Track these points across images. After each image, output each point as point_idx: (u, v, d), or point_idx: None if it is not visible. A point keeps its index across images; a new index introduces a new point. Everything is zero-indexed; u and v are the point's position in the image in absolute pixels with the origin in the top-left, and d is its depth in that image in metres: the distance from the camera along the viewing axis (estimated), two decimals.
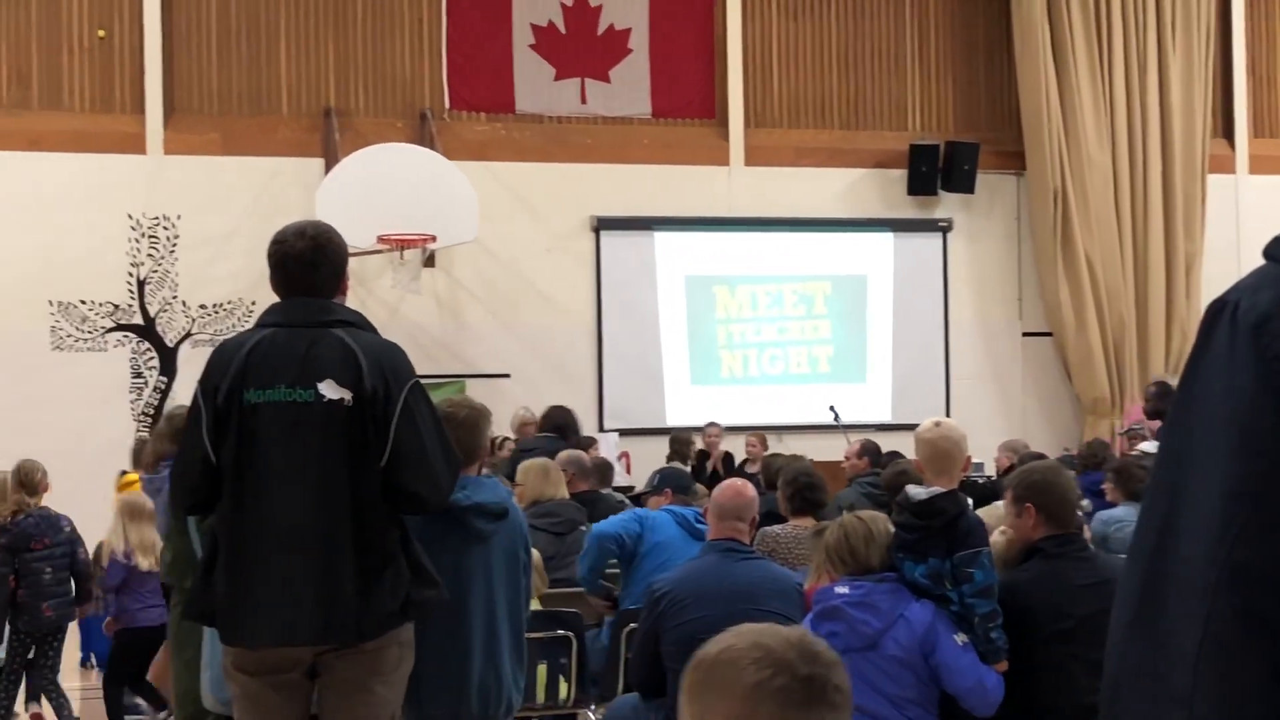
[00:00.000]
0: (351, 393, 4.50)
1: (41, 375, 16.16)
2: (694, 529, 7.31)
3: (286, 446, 4.49)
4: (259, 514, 4.49)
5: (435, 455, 4.56)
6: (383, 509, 4.53)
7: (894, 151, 18.66)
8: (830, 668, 2.07)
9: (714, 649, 2.12)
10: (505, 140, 17.73)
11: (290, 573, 4.46)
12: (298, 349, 4.53)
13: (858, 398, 18.05)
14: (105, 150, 16.52)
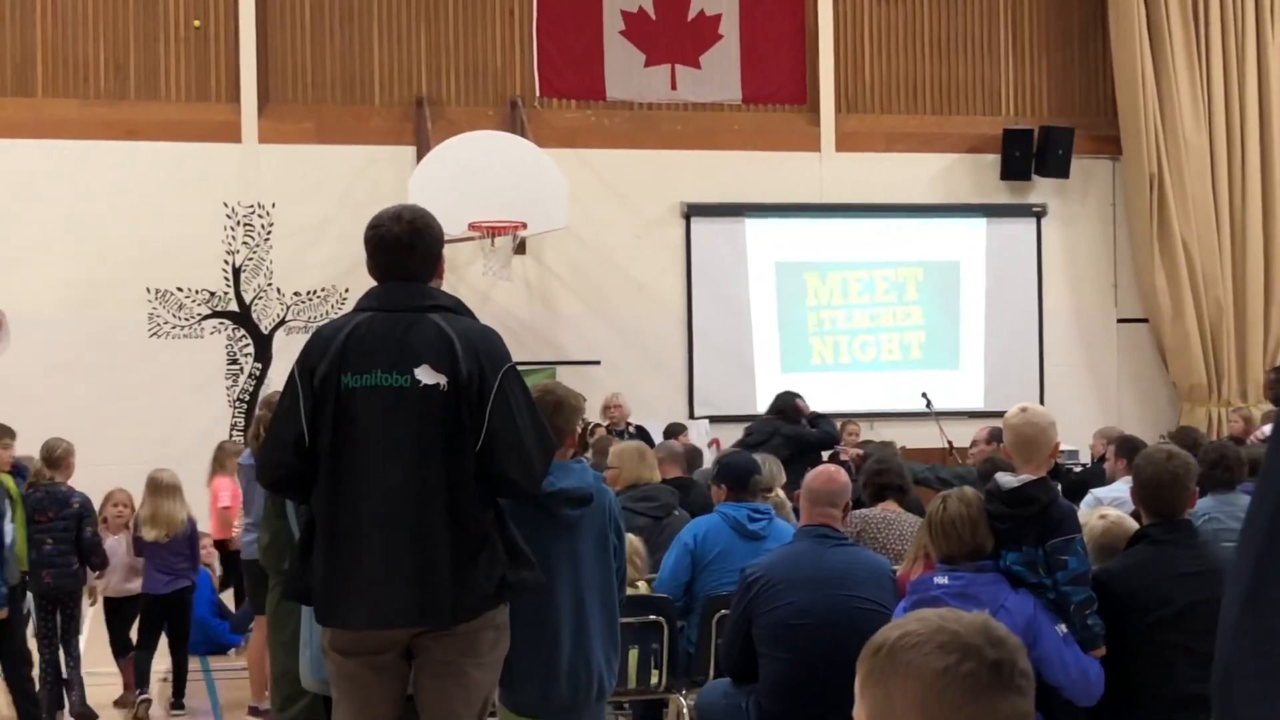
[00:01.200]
0: (447, 377, 4.51)
1: (139, 362, 16.38)
2: (747, 530, 7.24)
3: (383, 430, 4.51)
4: (355, 497, 4.51)
5: (529, 439, 4.57)
6: (478, 492, 4.54)
7: (987, 136, 18.50)
8: (1015, 652, 2.02)
9: (893, 634, 2.06)
10: (595, 127, 17.75)
11: (386, 555, 4.48)
12: (394, 334, 4.55)
13: (950, 385, 17.92)
14: (201, 139, 16.71)
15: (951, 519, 5.26)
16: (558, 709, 5.12)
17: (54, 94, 16.59)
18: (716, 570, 7.19)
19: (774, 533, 7.28)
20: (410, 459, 4.51)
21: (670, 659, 7.07)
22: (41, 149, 16.28)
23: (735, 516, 7.28)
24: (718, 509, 7.46)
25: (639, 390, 16.40)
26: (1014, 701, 1.99)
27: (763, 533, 7.25)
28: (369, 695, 4.60)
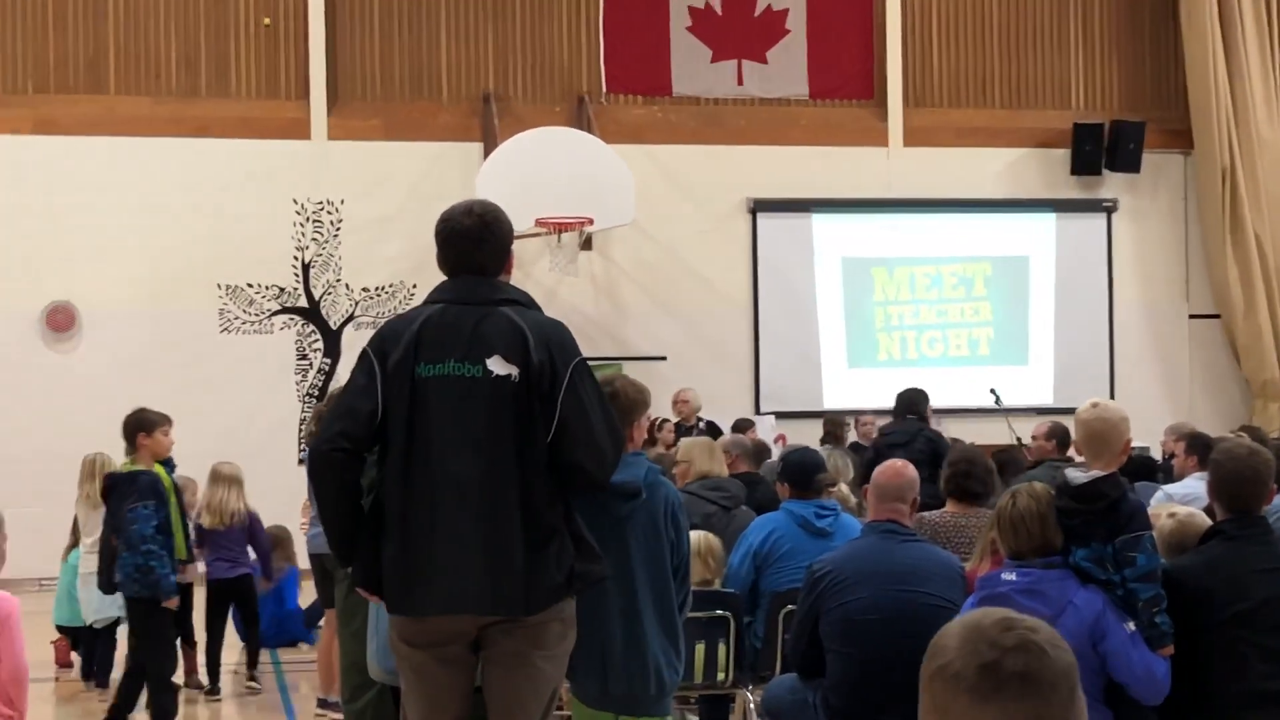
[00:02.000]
0: (519, 368, 4.55)
1: (210, 357, 16.54)
2: (814, 528, 7.22)
3: (455, 420, 4.54)
4: (428, 486, 4.54)
5: (600, 430, 4.60)
6: (549, 483, 4.57)
7: (1057, 130, 18.36)
8: (1017, 655, 1.96)
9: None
10: (662, 123, 17.75)
11: (459, 544, 4.51)
12: (467, 325, 4.59)
13: (1019, 380, 17.82)
14: (271, 136, 16.85)
15: (1021, 514, 5.23)
16: (618, 702, 5.13)
17: (126, 91, 16.77)
18: (784, 568, 7.17)
19: (841, 529, 7.26)
20: (482, 449, 4.54)
21: (737, 654, 7.07)
22: (113, 146, 16.46)
23: (802, 514, 7.26)
24: (783, 506, 7.45)
25: (705, 386, 16.38)
26: (1004, 706, 1.92)
27: (830, 529, 7.23)
28: (436, 687, 4.63)
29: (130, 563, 8.58)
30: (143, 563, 8.52)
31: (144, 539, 8.52)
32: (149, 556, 8.52)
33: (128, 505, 8.59)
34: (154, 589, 8.53)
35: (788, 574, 7.11)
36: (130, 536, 8.54)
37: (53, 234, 16.25)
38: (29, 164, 16.30)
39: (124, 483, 8.73)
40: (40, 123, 16.42)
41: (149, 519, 8.58)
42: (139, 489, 8.64)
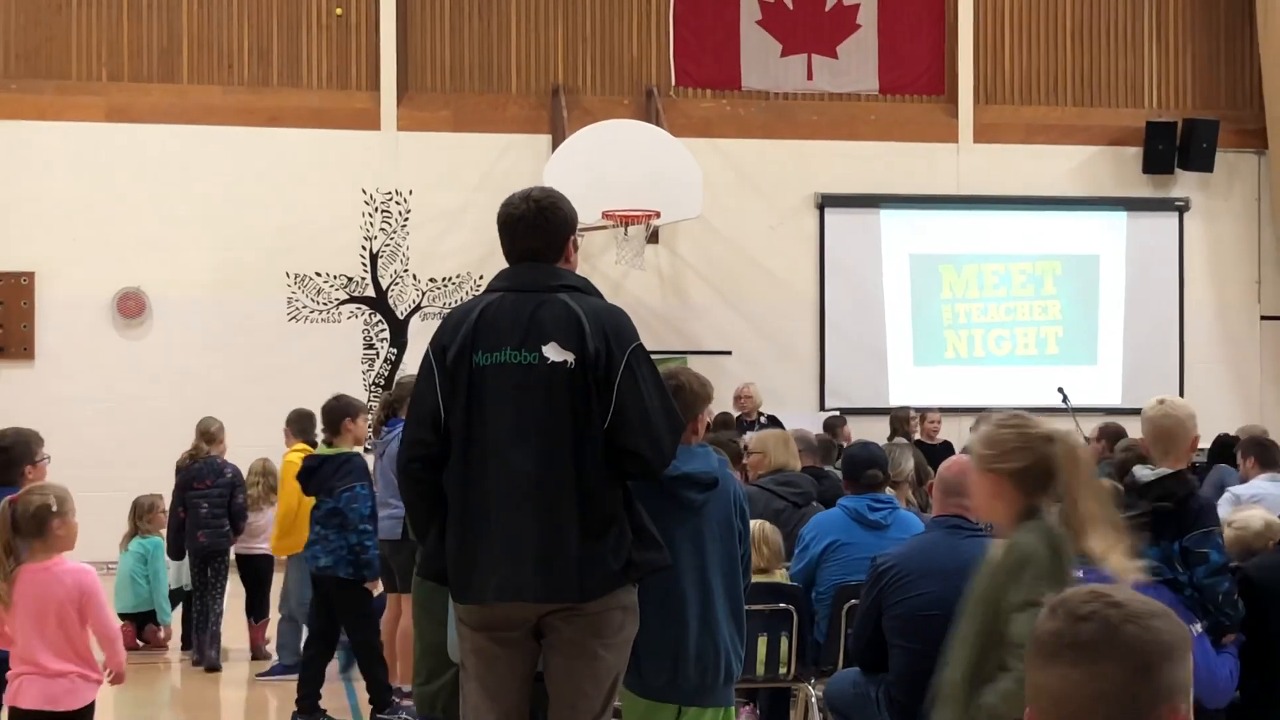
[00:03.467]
0: (575, 355, 4.54)
1: (278, 346, 16.66)
2: (868, 520, 7.19)
3: (512, 408, 4.55)
4: (485, 474, 4.56)
5: (657, 417, 4.58)
6: (606, 470, 4.56)
7: (1129, 129, 18.19)
8: (1079, 624, 2.07)
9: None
10: (730, 117, 17.72)
11: (515, 532, 4.51)
12: (523, 312, 4.60)
13: (1087, 380, 17.67)
14: (341, 127, 16.95)
15: None
16: (686, 693, 5.11)
17: (199, 80, 16.92)
18: (841, 562, 7.14)
19: (898, 522, 7.24)
20: (538, 436, 4.55)
21: (799, 648, 7.04)
22: (185, 134, 16.61)
23: (855, 508, 7.24)
24: (839, 502, 7.45)
25: (770, 381, 16.35)
26: (1060, 670, 2.04)
27: (885, 522, 7.20)
28: (497, 671, 4.64)
29: (343, 543, 8.66)
30: (357, 542, 8.64)
31: (362, 519, 8.65)
32: (364, 536, 8.65)
33: (343, 486, 8.65)
34: (365, 569, 8.67)
35: (845, 567, 7.08)
36: (348, 517, 8.63)
37: (124, 221, 16.41)
38: (102, 152, 16.46)
39: (335, 464, 8.77)
40: (114, 111, 16.59)
41: (365, 500, 8.71)
42: (354, 470, 8.77)
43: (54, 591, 5.57)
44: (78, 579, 5.59)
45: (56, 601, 5.56)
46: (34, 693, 5.61)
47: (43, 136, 16.42)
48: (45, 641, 5.57)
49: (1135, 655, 2.03)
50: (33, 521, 5.52)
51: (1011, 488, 3.90)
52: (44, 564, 5.56)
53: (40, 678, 5.60)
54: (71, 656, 5.63)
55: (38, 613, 5.56)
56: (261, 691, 10.26)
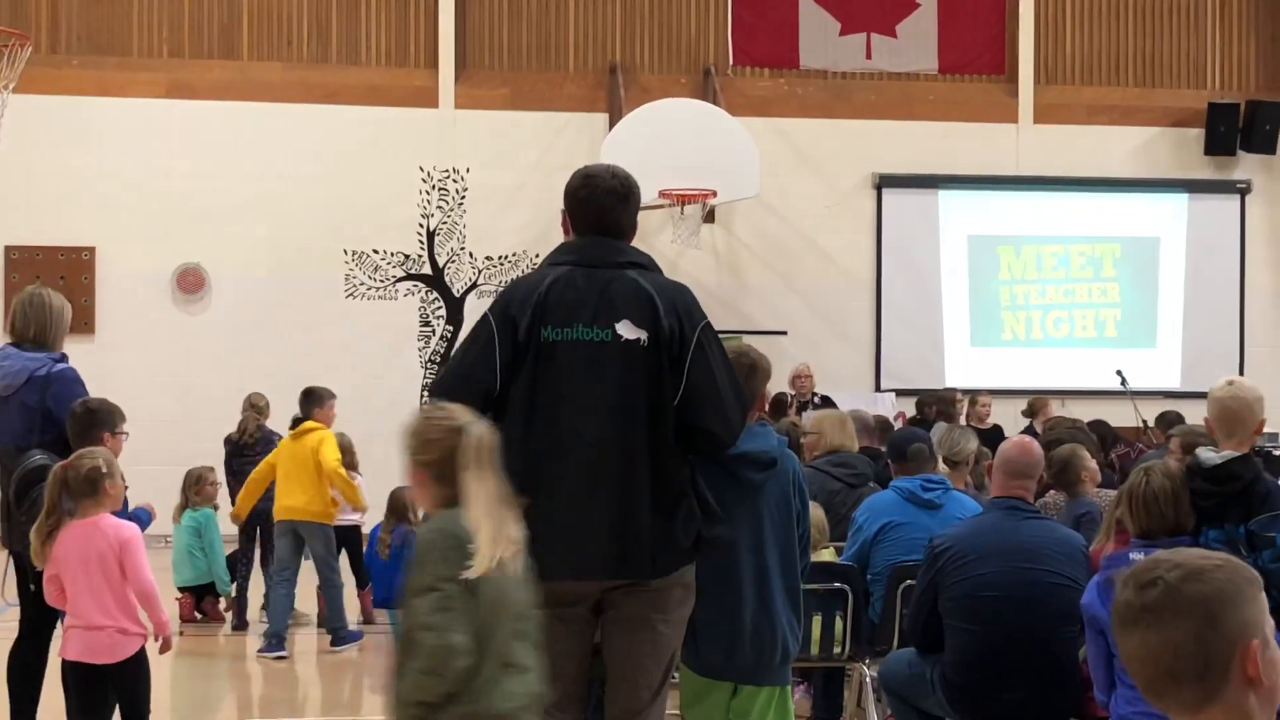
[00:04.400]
0: (648, 333, 4.54)
1: (336, 322, 16.73)
2: (921, 500, 7.16)
3: (583, 385, 4.53)
4: (556, 451, 4.54)
5: (727, 394, 4.59)
6: (677, 448, 4.56)
7: (1191, 110, 18.02)
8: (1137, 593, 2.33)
9: None
10: (788, 96, 17.66)
11: (588, 510, 4.50)
12: (595, 288, 4.58)
13: (1146, 363, 17.54)
14: (399, 104, 16.99)
15: (1155, 493, 5.13)
16: (742, 671, 5.10)
17: (258, 57, 16.99)
18: (895, 542, 7.12)
19: (951, 501, 7.21)
20: (611, 413, 4.54)
21: (854, 628, 7.03)
22: (245, 111, 16.70)
23: (908, 488, 7.22)
24: (891, 484, 7.43)
25: (826, 361, 16.32)
26: (1142, 635, 2.31)
27: (938, 501, 7.17)
28: (557, 647, 4.63)
29: None
30: None
31: None
32: None
33: None
34: None
35: (900, 547, 7.06)
36: None
37: (184, 197, 16.52)
38: (163, 127, 16.57)
39: None
40: (174, 87, 16.69)
41: None
42: None
43: (96, 543, 5.81)
44: (118, 532, 5.84)
45: (98, 553, 5.80)
46: (77, 645, 5.83)
47: (104, 112, 16.54)
48: (90, 595, 5.80)
49: (1200, 608, 2.27)
50: (86, 482, 5.80)
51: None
52: (91, 519, 5.82)
53: (83, 630, 5.82)
54: (113, 610, 5.82)
55: (82, 565, 5.79)
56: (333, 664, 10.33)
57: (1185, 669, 2.28)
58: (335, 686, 9.96)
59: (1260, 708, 2.30)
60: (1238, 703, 2.28)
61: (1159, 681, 2.32)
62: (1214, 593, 2.29)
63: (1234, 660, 2.28)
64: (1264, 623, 2.32)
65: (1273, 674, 2.30)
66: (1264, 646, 2.29)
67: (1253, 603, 2.32)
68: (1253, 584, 2.33)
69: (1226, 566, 2.34)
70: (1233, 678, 2.28)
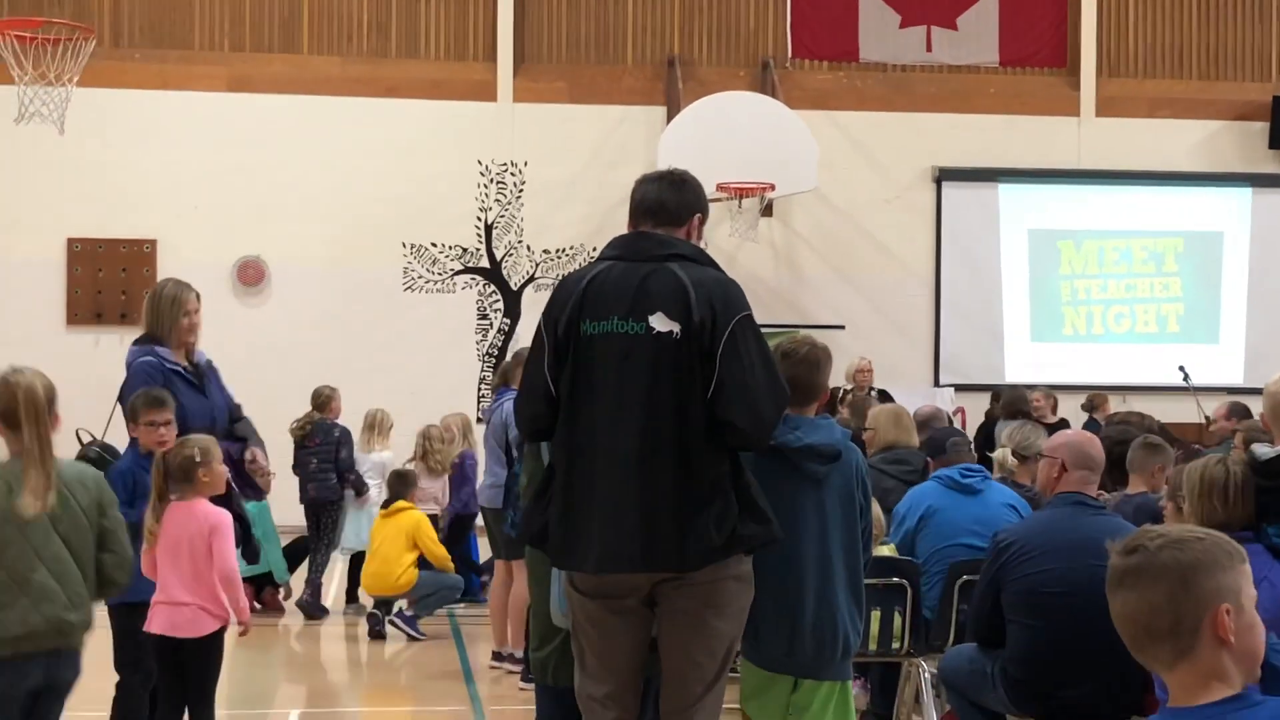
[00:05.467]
0: (680, 325, 4.52)
1: (394, 315, 16.80)
2: (960, 485, 7.16)
3: (617, 377, 4.54)
4: (590, 442, 4.56)
5: (759, 388, 4.53)
6: (710, 442, 4.53)
7: (1255, 103, 17.83)
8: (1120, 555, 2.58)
9: None
10: (847, 89, 17.59)
11: (616, 501, 4.50)
12: (632, 282, 4.59)
13: (1209, 359, 17.37)
14: (458, 98, 17.04)
15: (1224, 484, 5.06)
16: (803, 665, 5.07)
17: (318, 51, 17.07)
18: (937, 528, 7.10)
19: (990, 489, 7.21)
20: (641, 406, 4.53)
21: (913, 622, 6.98)
22: (305, 105, 16.79)
23: (947, 475, 7.23)
24: (931, 476, 7.42)
25: (884, 356, 16.22)
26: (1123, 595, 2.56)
27: (978, 486, 7.15)
28: (611, 638, 4.63)
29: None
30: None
31: None
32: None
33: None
34: None
35: (942, 533, 7.04)
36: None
37: (244, 190, 16.61)
38: (223, 121, 16.67)
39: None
40: (235, 81, 16.79)
41: None
42: None
43: (189, 526, 6.04)
44: (209, 517, 6.08)
45: (189, 535, 6.03)
46: (161, 619, 6.04)
47: (165, 106, 16.66)
48: (177, 573, 6.02)
49: (1174, 573, 2.51)
50: (180, 470, 6.09)
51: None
52: (187, 503, 6.08)
53: (168, 606, 6.04)
54: (197, 589, 6.03)
55: (173, 545, 6.03)
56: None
57: (1160, 626, 2.50)
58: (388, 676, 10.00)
59: (1234, 667, 2.51)
60: (1209, 661, 2.50)
61: (1139, 638, 2.54)
62: (1190, 560, 2.52)
63: (1205, 621, 2.49)
64: (1241, 591, 2.53)
65: (1247, 638, 2.52)
66: (1237, 612, 2.50)
67: (1228, 571, 2.52)
68: (1232, 556, 2.54)
69: (1208, 539, 2.56)
70: (1204, 637, 2.49)
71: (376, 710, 8.98)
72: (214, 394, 6.92)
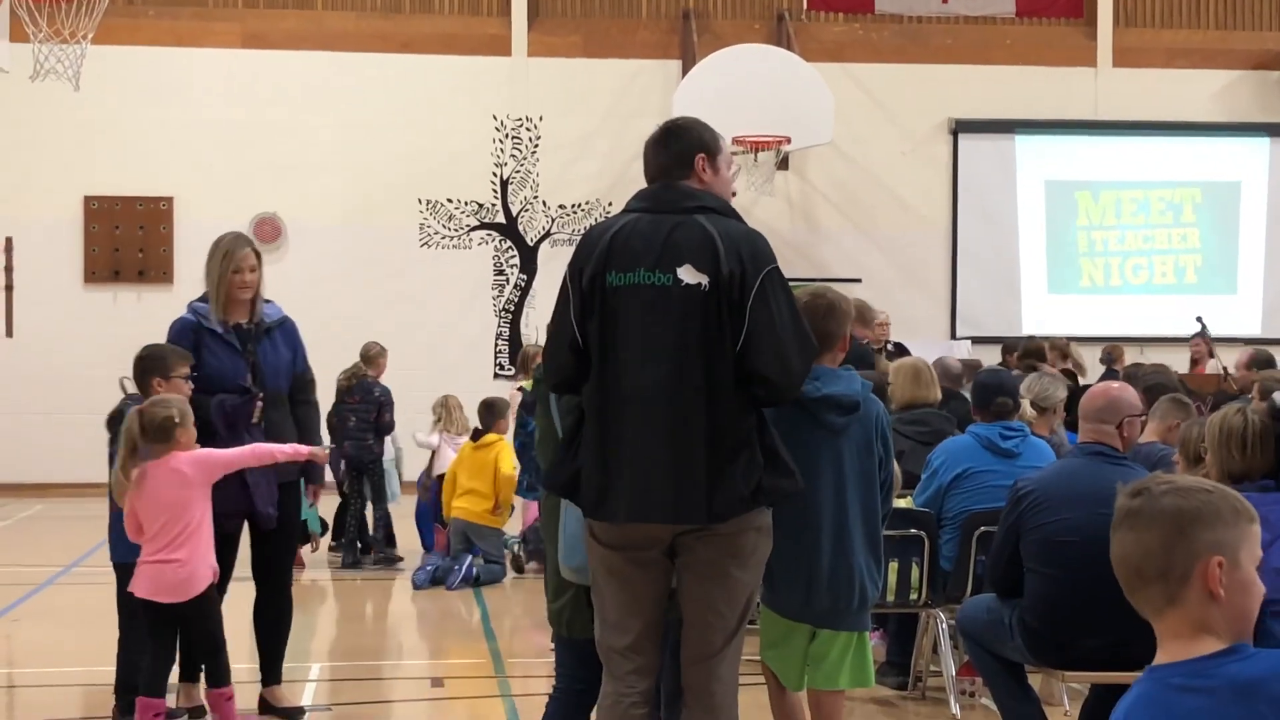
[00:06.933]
0: (709, 277, 4.51)
1: (410, 271, 16.82)
2: (999, 449, 7.08)
3: (644, 329, 4.54)
4: (618, 394, 4.56)
5: (788, 340, 4.53)
6: (738, 394, 4.54)
7: (1273, 52, 17.74)
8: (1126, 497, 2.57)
9: None
10: (863, 41, 17.51)
11: (645, 454, 4.51)
12: (659, 233, 4.58)
13: (1227, 310, 17.33)
14: (472, 53, 17.00)
15: (1243, 433, 5.06)
16: (819, 615, 5.10)
17: (333, 7, 17.04)
18: (970, 489, 7.07)
19: (1029, 449, 7.14)
20: (669, 358, 4.53)
21: (930, 574, 7.00)
22: (320, 61, 16.77)
23: (987, 435, 7.15)
24: (969, 430, 7.34)
25: (901, 309, 16.21)
26: (1121, 535, 2.57)
27: (1016, 450, 7.11)
28: (633, 589, 4.65)
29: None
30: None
31: None
32: None
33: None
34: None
35: (974, 495, 7.02)
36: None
37: (261, 147, 16.62)
38: (238, 78, 16.66)
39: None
40: (249, 37, 16.77)
41: None
42: None
43: (169, 479, 6.02)
44: (185, 460, 6.06)
45: (170, 488, 6.01)
46: (147, 582, 6.03)
47: (180, 62, 16.65)
48: (166, 534, 6.01)
49: (1171, 519, 2.50)
50: (159, 430, 6.02)
51: None
52: (163, 459, 6.05)
53: (154, 566, 6.02)
54: (186, 546, 6.02)
55: (152, 503, 6.01)
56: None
57: (1150, 569, 2.52)
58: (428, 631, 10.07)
59: (1223, 623, 2.51)
60: (1197, 612, 2.50)
61: (1131, 580, 2.56)
62: (1191, 508, 2.51)
63: (1196, 571, 2.49)
64: (1240, 548, 2.51)
65: (1240, 596, 2.51)
66: (1232, 567, 2.49)
67: (1231, 528, 2.51)
68: (1239, 514, 2.52)
69: (1216, 493, 2.55)
70: (1193, 587, 2.49)
71: (396, 663, 9.03)
72: (265, 355, 6.76)
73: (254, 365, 6.68)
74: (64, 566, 11.27)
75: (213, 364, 6.61)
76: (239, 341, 6.70)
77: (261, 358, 6.73)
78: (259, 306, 6.85)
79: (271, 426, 6.63)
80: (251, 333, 6.75)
